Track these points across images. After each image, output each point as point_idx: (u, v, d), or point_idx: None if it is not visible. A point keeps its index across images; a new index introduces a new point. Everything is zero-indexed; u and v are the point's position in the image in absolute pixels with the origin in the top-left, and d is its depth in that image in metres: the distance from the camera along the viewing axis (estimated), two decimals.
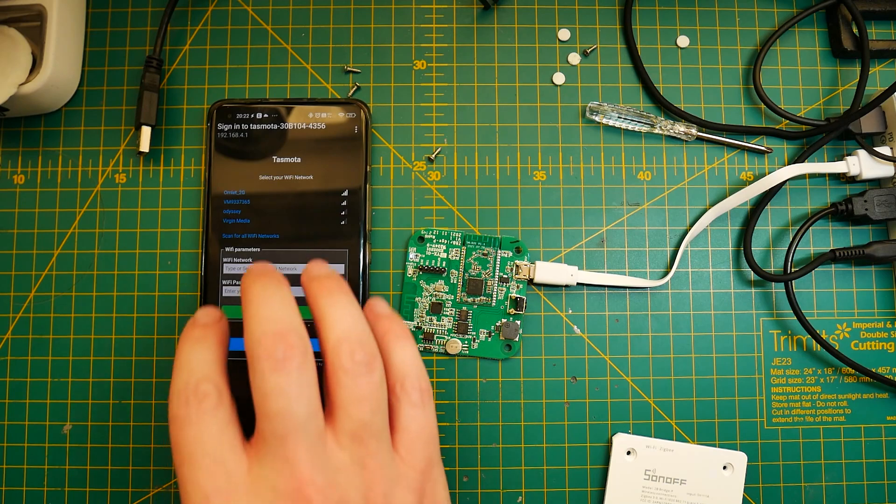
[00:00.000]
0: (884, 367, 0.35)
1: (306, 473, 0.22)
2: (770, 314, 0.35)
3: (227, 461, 0.23)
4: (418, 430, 0.25)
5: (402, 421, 0.25)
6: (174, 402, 0.24)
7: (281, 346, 0.23)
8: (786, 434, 0.34)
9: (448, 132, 0.36)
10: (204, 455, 0.23)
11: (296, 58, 0.36)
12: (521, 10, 0.36)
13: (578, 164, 0.36)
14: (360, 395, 0.24)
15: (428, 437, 0.26)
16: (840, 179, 0.36)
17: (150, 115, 0.34)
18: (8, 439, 0.34)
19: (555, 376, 0.34)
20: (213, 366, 0.24)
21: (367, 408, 0.24)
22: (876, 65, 0.36)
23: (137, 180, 0.35)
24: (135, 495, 0.33)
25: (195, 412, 0.23)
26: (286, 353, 0.23)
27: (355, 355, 0.24)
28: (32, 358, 0.34)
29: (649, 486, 0.33)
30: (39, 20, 0.34)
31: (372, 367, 0.24)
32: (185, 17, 0.36)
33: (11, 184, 0.35)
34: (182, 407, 0.23)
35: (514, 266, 0.34)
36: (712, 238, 0.35)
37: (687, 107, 0.36)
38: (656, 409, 0.34)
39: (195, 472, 0.23)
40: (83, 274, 0.34)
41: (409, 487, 0.24)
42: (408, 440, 0.25)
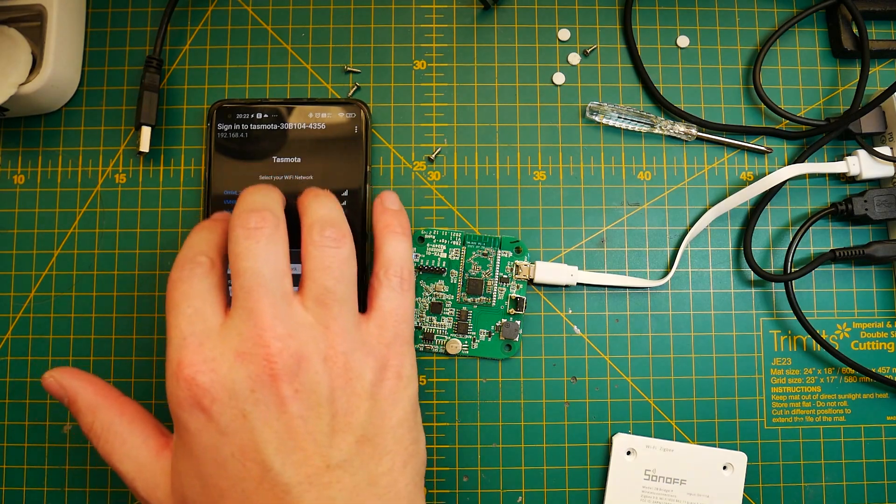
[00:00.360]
0: (884, 367, 0.35)
1: (268, 322, 0.25)
2: (770, 314, 0.35)
3: (205, 312, 0.26)
4: (391, 309, 0.28)
5: (378, 300, 0.28)
6: (174, 269, 0.27)
7: (254, 217, 0.26)
8: (786, 434, 0.34)
9: (448, 132, 0.36)
10: (188, 306, 0.26)
11: (296, 58, 0.36)
12: (521, 10, 0.36)
13: (578, 164, 0.36)
14: (325, 264, 0.26)
15: (400, 316, 0.28)
16: (840, 179, 0.36)
17: (150, 115, 0.34)
18: (8, 439, 0.34)
19: (555, 376, 0.34)
20: (212, 245, 0.27)
21: (331, 275, 0.26)
22: (876, 65, 0.36)
23: (137, 180, 0.35)
24: None
25: (188, 275, 0.26)
26: (258, 223, 0.26)
27: (324, 231, 0.27)
28: (32, 358, 0.34)
29: (649, 486, 0.33)
30: (39, 20, 0.34)
31: (340, 242, 0.27)
32: (185, 17, 0.36)
33: (11, 184, 0.35)
34: (178, 271, 0.27)
35: (514, 266, 0.34)
36: (712, 238, 0.35)
37: (687, 107, 0.36)
38: (656, 409, 0.34)
39: (178, 318, 0.26)
40: (83, 274, 0.34)
41: (371, 354, 0.27)
42: (379, 316, 0.28)
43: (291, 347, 0.25)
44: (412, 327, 0.29)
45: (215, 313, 0.26)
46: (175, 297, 0.26)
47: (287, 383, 0.25)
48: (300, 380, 0.25)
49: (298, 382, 0.25)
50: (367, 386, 0.26)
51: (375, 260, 0.29)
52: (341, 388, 0.26)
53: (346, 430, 0.25)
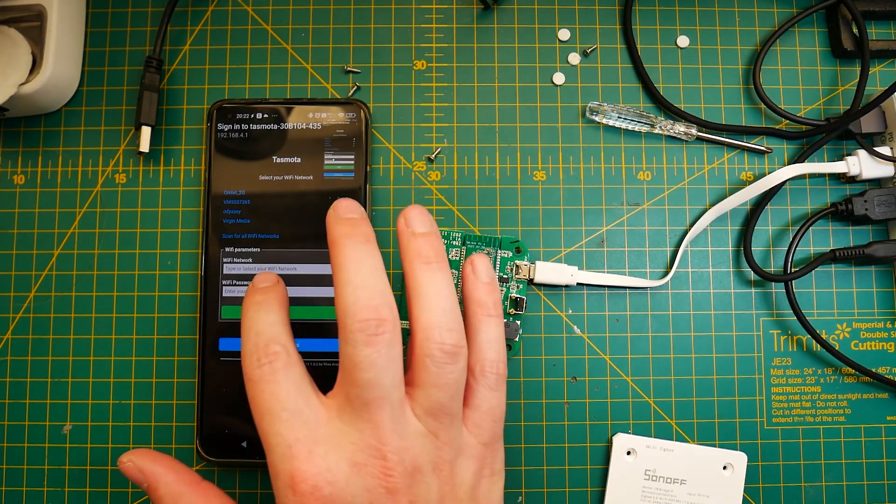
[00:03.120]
0: (884, 367, 0.35)
1: (386, 435, 0.24)
2: (770, 314, 0.35)
3: (304, 413, 0.25)
4: (489, 410, 0.27)
5: (476, 400, 0.27)
6: (247, 364, 0.25)
7: (374, 320, 0.24)
8: (786, 434, 0.34)
9: (448, 132, 0.36)
10: (282, 409, 0.24)
11: (296, 58, 0.36)
12: (521, 10, 0.36)
13: (578, 164, 0.36)
14: (442, 383, 0.25)
15: (497, 416, 0.27)
16: (840, 179, 0.36)
17: (150, 115, 0.34)
18: (8, 439, 0.34)
19: (555, 376, 0.34)
20: (278, 327, 0.26)
21: (447, 393, 0.25)
22: (876, 65, 0.36)
23: (137, 180, 0.35)
24: (135, 495, 0.33)
25: (268, 371, 0.25)
26: (379, 328, 0.24)
27: (444, 346, 0.25)
28: (32, 358, 0.34)
29: (649, 486, 0.33)
30: (39, 20, 0.34)
31: (457, 357, 0.25)
32: (185, 17, 0.36)
33: (11, 184, 0.35)
34: (255, 368, 0.25)
35: (514, 266, 0.34)
36: (712, 238, 0.35)
37: (687, 107, 0.36)
38: (656, 409, 0.34)
39: (276, 425, 0.24)
40: (83, 274, 0.34)
41: (472, 457, 0.26)
42: (478, 417, 0.27)
43: (407, 461, 0.24)
44: (503, 422, 0.28)
45: (314, 412, 0.25)
46: (263, 400, 0.25)
47: (403, 496, 0.24)
48: (413, 491, 0.24)
49: (413, 494, 0.24)
50: (468, 490, 0.26)
51: (470, 347, 0.27)
52: (447, 494, 0.25)
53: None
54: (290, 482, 0.24)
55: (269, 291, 0.27)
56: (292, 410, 0.25)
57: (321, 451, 0.24)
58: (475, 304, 0.28)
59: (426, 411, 0.25)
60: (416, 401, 0.25)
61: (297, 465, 0.24)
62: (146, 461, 0.28)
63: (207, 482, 0.28)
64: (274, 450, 0.24)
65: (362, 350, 0.24)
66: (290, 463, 0.24)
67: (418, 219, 0.27)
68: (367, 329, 0.24)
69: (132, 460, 0.28)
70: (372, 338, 0.24)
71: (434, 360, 0.25)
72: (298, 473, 0.24)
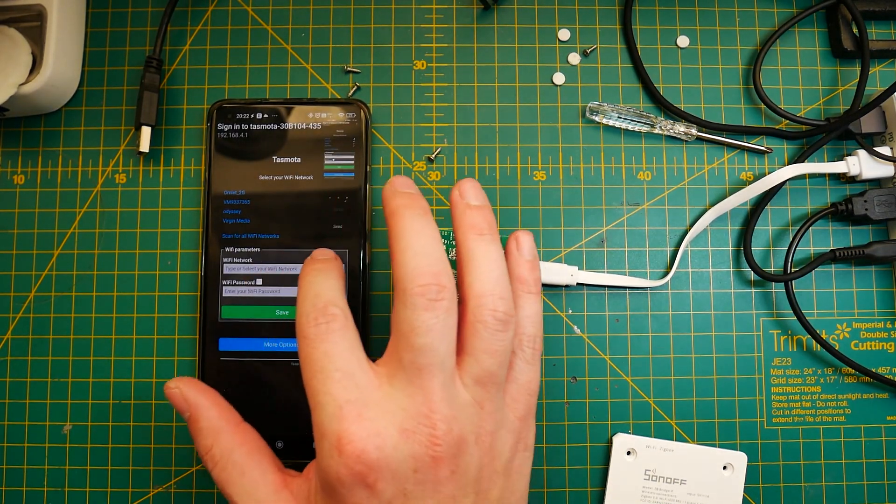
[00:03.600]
0: (884, 367, 0.35)
1: (437, 403, 0.24)
2: (770, 314, 0.35)
3: (356, 375, 0.25)
4: (525, 383, 0.28)
5: (514, 373, 0.28)
6: (303, 322, 0.25)
7: (435, 286, 0.24)
8: (786, 434, 0.34)
9: (448, 132, 0.36)
10: (335, 369, 0.24)
11: (296, 58, 0.36)
12: (521, 10, 0.36)
13: (578, 164, 0.36)
14: (493, 350, 0.25)
15: (532, 390, 0.28)
16: (840, 179, 0.36)
17: (150, 115, 0.34)
18: (8, 439, 0.34)
19: (555, 376, 0.34)
20: (337, 292, 0.26)
21: (497, 360, 0.26)
22: (876, 65, 0.36)
23: (137, 180, 0.35)
24: (135, 495, 0.33)
25: (325, 331, 0.25)
26: (439, 293, 0.24)
27: (497, 312, 0.25)
28: (32, 358, 0.34)
29: (649, 486, 0.33)
30: (39, 20, 0.34)
31: (507, 325, 0.26)
32: (185, 17, 0.36)
33: (11, 184, 0.35)
34: (311, 327, 0.25)
35: None
36: (712, 238, 0.35)
37: (687, 107, 0.36)
38: (656, 409, 0.34)
39: (328, 384, 0.24)
40: (83, 274, 0.34)
41: (510, 430, 0.27)
42: (515, 390, 0.27)
43: (455, 430, 0.24)
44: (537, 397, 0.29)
45: (366, 376, 0.25)
46: (316, 357, 0.25)
47: (446, 465, 0.24)
48: (457, 462, 0.25)
49: (455, 464, 0.25)
50: (504, 463, 0.26)
51: None
52: (487, 466, 0.26)
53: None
54: (338, 443, 0.24)
55: (329, 262, 0.28)
56: (345, 371, 0.24)
57: (371, 415, 0.24)
58: (516, 280, 0.28)
59: (475, 379, 0.25)
60: (465, 369, 0.26)
61: (347, 427, 0.24)
62: (193, 391, 0.28)
63: (247, 424, 0.28)
64: (324, 409, 0.24)
65: (421, 314, 0.24)
66: (339, 424, 0.24)
67: (472, 191, 0.28)
68: (428, 294, 0.24)
69: (179, 387, 0.28)
70: (432, 303, 0.24)
71: (486, 327, 0.25)
72: (347, 435, 0.23)
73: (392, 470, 0.24)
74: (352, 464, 0.23)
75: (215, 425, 0.27)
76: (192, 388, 0.28)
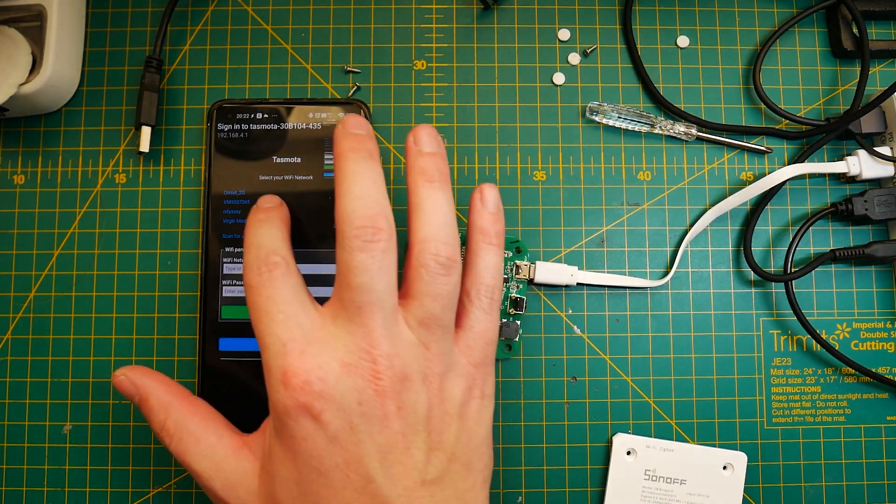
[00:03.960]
0: (884, 367, 0.35)
1: (377, 338, 0.25)
2: (770, 314, 0.35)
3: (299, 316, 0.26)
4: (481, 331, 0.28)
5: (469, 321, 0.28)
6: (248, 273, 0.26)
7: (370, 228, 0.25)
8: (786, 434, 0.34)
9: (448, 132, 0.36)
10: (279, 311, 0.25)
11: (296, 58, 0.36)
12: (521, 10, 0.36)
13: (578, 164, 0.36)
14: (434, 293, 0.26)
15: (488, 338, 0.28)
16: (840, 179, 0.36)
17: (150, 115, 0.34)
18: (8, 439, 0.34)
19: (555, 376, 0.34)
20: (279, 241, 0.27)
21: (439, 304, 0.26)
22: (876, 65, 0.36)
23: (137, 180, 0.35)
24: (135, 495, 0.33)
25: (267, 278, 0.26)
26: (374, 235, 0.25)
27: (439, 257, 0.26)
28: (32, 358, 0.34)
29: (649, 486, 0.33)
30: (39, 20, 0.34)
31: (450, 270, 0.26)
32: (185, 17, 0.36)
33: (11, 184, 0.35)
34: (255, 276, 0.26)
35: (514, 266, 0.34)
36: (712, 238, 0.35)
37: (687, 107, 0.36)
38: (656, 409, 0.34)
39: (272, 325, 0.25)
40: (83, 274, 0.34)
41: (462, 375, 0.27)
42: (470, 338, 0.28)
43: (396, 367, 0.25)
44: (496, 347, 0.29)
45: (309, 316, 0.26)
46: (261, 303, 0.26)
47: (391, 400, 0.25)
48: (402, 398, 0.25)
49: (401, 400, 0.25)
50: (457, 406, 0.27)
51: (467, 270, 0.29)
52: (437, 407, 0.26)
53: (439, 448, 0.26)
54: (283, 377, 0.25)
55: (272, 210, 0.28)
56: (288, 313, 0.25)
57: (313, 351, 0.25)
58: (478, 231, 0.29)
59: (418, 321, 0.26)
60: (410, 311, 0.26)
61: (290, 362, 0.25)
62: (138, 374, 0.29)
63: (197, 397, 0.29)
64: (269, 348, 0.25)
65: (357, 255, 0.25)
66: (283, 360, 0.25)
67: (427, 138, 0.28)
68: (363, 236, 0.25)
69: (125, 374, 0.28)
70: (367, 244, 0.25)
71: (428, 270, 0.26)
72: (291, 369, 0.25)
73: (336, 402, 0.25)
74: (297, 395, 0.24)
75: (165, 401, 0.28)
76: (137, 372, 0.29)
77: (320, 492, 0.25)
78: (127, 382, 0.28)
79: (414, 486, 0.25)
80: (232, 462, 0.27)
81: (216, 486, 0.27)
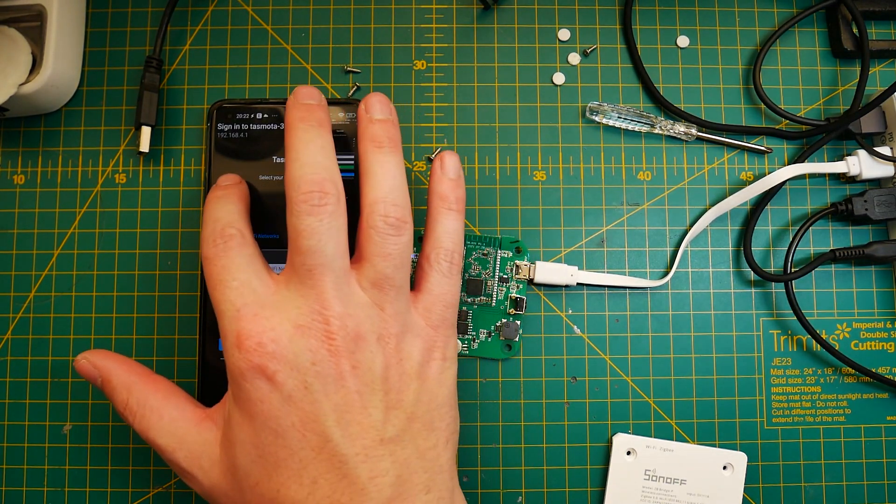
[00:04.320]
0: (884, 367, 0.35)
1: (329, 299, 0.25)
2: (770, 314, 0.35)
3: (253, 282, 0.26)
4: (440, 294, 0.28)
5: (428, 284, 0.28)
6: (204, 246, 0.27)
7: (318, 192, 0.26)
8: (786, 434, 0.34)
9: (448, 132, 0.36)
10: (232, 279, 0.26)
11: (296, 58, 0.36)
12: (521, 10, 0.36)
13: (578, 164, 0.36)
14: (385, 252, 0.26)
15: (448, 301, 0.29)
16: (840, 179, 0.36)
17: (150, 115, 0.34)
18: (8, 439, 0.34)
19: (555, 376, 0.34)
20: (236, 215, 0.28)
21: (391, 263, 0.27)
22: (876, 65, 0.36)
23: (137, 180, 0.35)
24: (135, 495, 0.33)
25: (222, 249, 0.27)
26: (321, 199, 0.26)
27: (388, 217, 0.26)
28: (32, 358, 0.34)
29: (649, 486, 0.33)
30: (39, 20, 0.34)
31: (401, 230, 0.27)
32: (185, 17, 0.36)
33: (11, 184, 0.35)
34: (210, 248, 0.27)
35: (514, 266, 0.34)
36: (712, 238, 0.35)
37: (687, 107, 0.36)
38: (656, 409, 0.34)
39: (226, 292, 0.26)
40: (83, 274, 0.34)
41: (419, 336, 0.28)
42: (428, 300, 0.28)
43: (349, 326, 0.26)
44: (456, 310, 0.29)
45: (262, 283, 0.26)
46: (215, 272, 0.26)
47: (345, 359, 0.25)
48: (357, 357, 0.26)
49: (355, 359, 0.26)
50: (415, 366, 0.27)
51: (426, 236, 0.29)
52: (394, 367, 0.26)
53: (397, 406, 0.26)
54: (237, 340, 0.25)
55: (230, 188, 0.29)
56: (242, 280, 0.26)
57: (266, 314, 0.26)
58: (438, 197, 0.29)
59: (371, 282, 0.26)
60: (362, 273, 0.27)
61: (244, 325, 0.25)
62: (98, 357, 0.29)
63: (159, 375, 0.29)
64: (224, 315, 0.26)
65: (305, 219, 0.25)
66: (237, 324, 0.25)
67: (378, 105, 0.29)
68: (310, 200, 0.25)
69: (87, 357, 0.29)
70: (314, 208, 0.25)
71: (378, 231, 0.26)
72: (244, 332, 0.25)
73: (289, 362, 0.25)
74: (250, 357, 0.25)
75: (126, 380, 0.28)
76: (98, 355, 0.29)
77: (278, 452, 0.25)
78: (88, 366, 0.29)
79: (372, 444, 0.25)
80: (194, 434, 0.27)
81: (179, 458, 0.27)
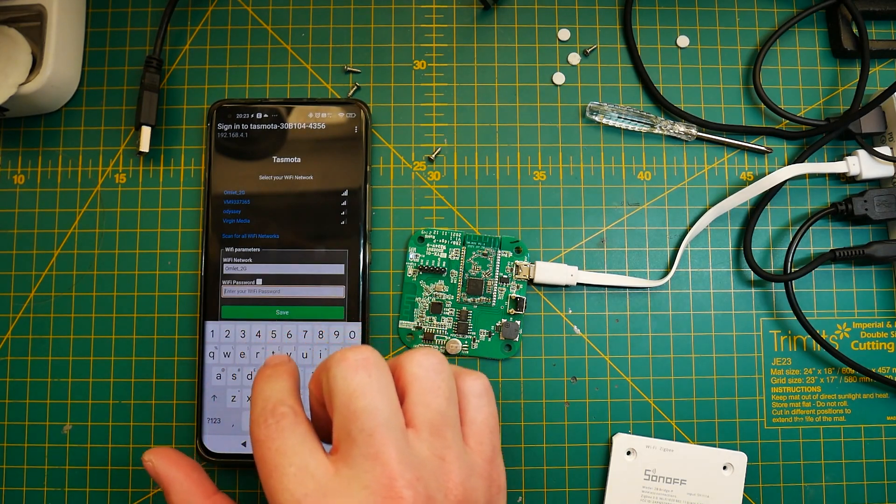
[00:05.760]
0: (884, 367, 0.35)
1: (396, 468, 0.23)
2: (770, 314, 0.35)
3: (310, 467, 0.24)
4: (484, 420, 0.27)
5: (470, 413, 0.27)
6: (254, 427, 0.25)
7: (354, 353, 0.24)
8: (786, 434, 0.34)
9: (448, 132, 0.36)
10: (289, 465, 0.24)
11: (296, 58, 0.36)
12: (521, 10, 0.36)
13: (578, 164, 0.36)
14: (434, 387, 0.25)
15: (493, 426, 0.27)
16: (840, 179, 0.36)
17: (150, 115, 0.34)
18: (8, 439, 0.34)
19: (555, 376, 0.34)
20: (286, 392, 0.26)
21: (443, 396, 0.25)
22: (876, 65, 0.36)
23: (137, 180, 0.35)
24: (135, 495, 0.33)
25: (275, 430, 0.25)
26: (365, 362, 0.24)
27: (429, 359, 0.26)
28: (32, 358, 0.34)
29: (649, 486, 0.33)
30: (39, 20, 0.34)
31: (442, 371, 0.26)
32: (185, 17, 0.36)
33: (11, 184, 0.35)
34: (262, 429, 0.25)
35: (514, 266, 0.34)
36: (712, 238, 0.35)
37: (687, 107, 0.36)
38: (656, 409, 0.34)
39: (283, 481, 0.24)
40: (83, 274, 0.34)
41: (480, 475, 0.26)
42: (476, 431, 0.27)
43: (421, 493, 0.23)
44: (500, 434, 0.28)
45: (323, 465, 0.24)
46: (269, 457, 0.24)
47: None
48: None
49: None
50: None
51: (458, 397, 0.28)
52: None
53: None
54: None
55: (279, 366, 0.27)
56: (299, 465, 0.24)
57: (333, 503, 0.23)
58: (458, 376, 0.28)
59: (428, 427, 0.25)
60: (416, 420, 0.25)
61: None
62: (164, 464, 0.28)
63: (221, 494, 0.28)
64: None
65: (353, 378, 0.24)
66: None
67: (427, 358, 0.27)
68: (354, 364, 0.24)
69: (152, 460, 0.28)
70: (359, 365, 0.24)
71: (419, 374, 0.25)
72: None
73: None
74: None
75: (184, 499, 0.28)
76: (163, 460, 0.29)
77: None
78: (153, 470, 0.28)
79: None
80: None
81: None
